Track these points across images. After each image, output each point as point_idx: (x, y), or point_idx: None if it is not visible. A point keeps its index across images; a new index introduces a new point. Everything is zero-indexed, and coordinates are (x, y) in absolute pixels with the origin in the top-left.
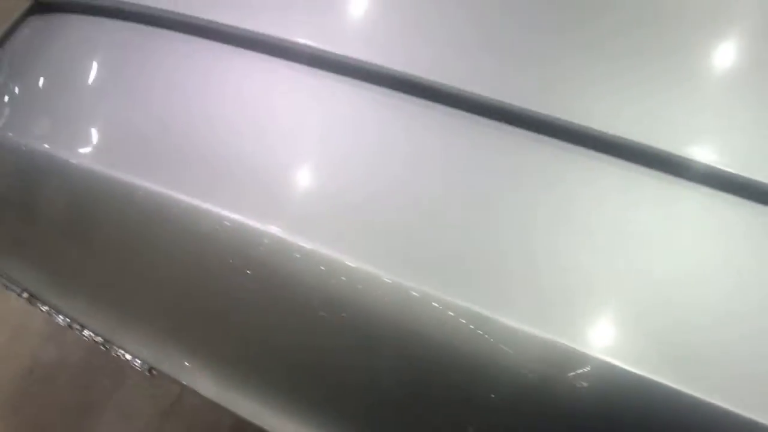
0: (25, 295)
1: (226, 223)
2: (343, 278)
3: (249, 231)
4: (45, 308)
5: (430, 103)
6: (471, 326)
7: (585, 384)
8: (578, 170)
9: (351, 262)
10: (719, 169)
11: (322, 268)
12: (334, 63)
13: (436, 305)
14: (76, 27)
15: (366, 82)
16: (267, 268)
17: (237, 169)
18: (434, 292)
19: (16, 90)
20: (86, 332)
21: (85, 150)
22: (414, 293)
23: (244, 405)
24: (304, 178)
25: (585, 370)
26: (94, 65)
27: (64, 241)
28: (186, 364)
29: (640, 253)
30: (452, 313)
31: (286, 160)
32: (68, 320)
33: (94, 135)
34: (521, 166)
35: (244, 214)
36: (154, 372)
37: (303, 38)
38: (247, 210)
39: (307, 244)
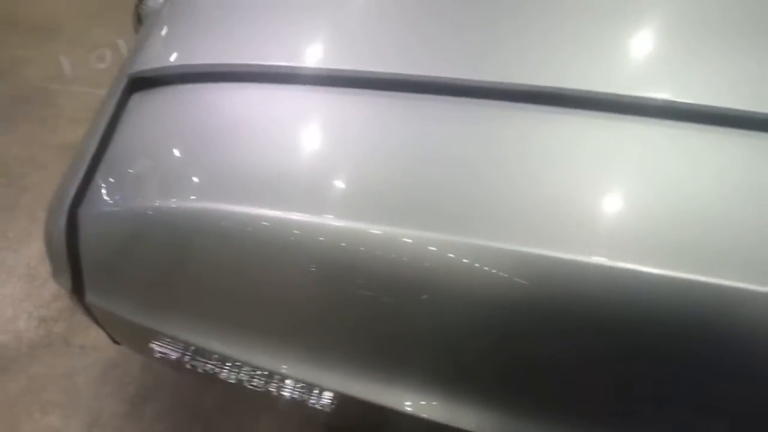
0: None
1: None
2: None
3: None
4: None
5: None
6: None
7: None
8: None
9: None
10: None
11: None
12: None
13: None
14: (184, 97)
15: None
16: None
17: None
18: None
19: (148, 163)
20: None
21: (232, 196)
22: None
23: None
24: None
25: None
26: (209, 127)
27: (230, 287)
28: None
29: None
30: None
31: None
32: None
33: (238, 182)
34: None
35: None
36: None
37: (423, 71)
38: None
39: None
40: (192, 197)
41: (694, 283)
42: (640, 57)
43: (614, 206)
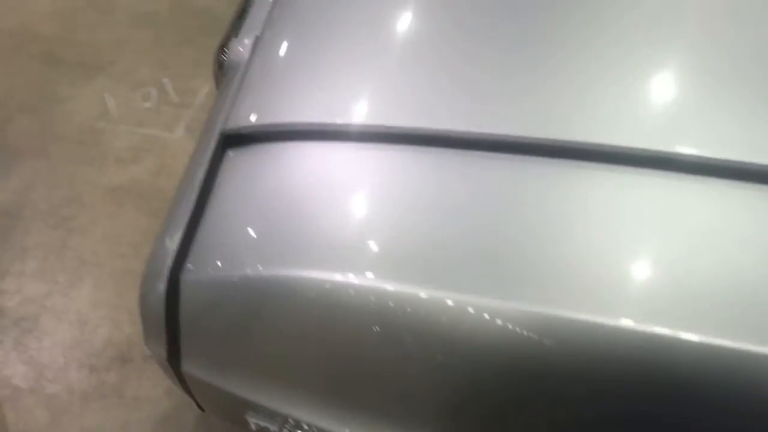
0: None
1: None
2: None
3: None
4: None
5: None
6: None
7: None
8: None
9: None
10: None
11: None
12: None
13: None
14: (282, 156)
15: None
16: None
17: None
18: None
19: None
20: None
21: (337, 264)
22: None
23: None
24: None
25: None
26: (311, 190)
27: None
28: None
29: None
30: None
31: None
32: None
33: (371, 250)
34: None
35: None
36: None
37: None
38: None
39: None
40: (296, 266)
41: (728, 351)
42: (668, 110)
43: (648, 269)
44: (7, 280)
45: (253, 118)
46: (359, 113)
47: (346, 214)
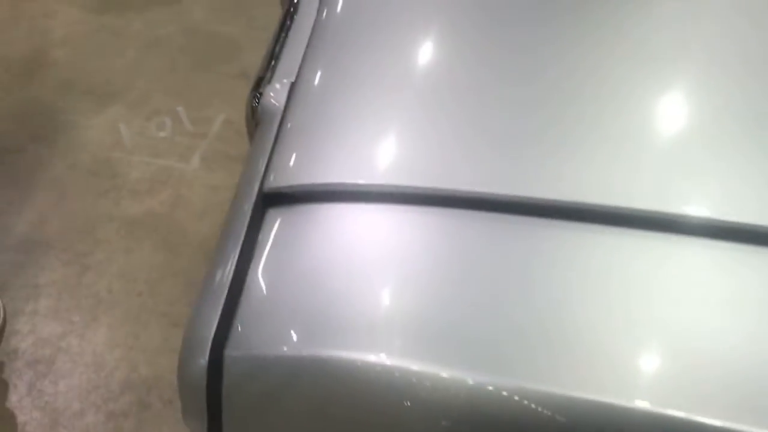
0: None
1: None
2: None
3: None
4: None
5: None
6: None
7: None
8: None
9: None
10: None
11: None
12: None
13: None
14: (327, 220)
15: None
16: None
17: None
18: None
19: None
20: None
21: (389, 347)
22: None
23: None
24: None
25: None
26: (361, 259)
27: None
28: None
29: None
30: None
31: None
32: None
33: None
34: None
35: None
36: None
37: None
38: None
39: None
40: (347, 346)
41: None
42: (689, 172)
43: (661, 348)
44: (21, 319)
45: (295, 176)
46: (403, 174)
47: (381, 290)
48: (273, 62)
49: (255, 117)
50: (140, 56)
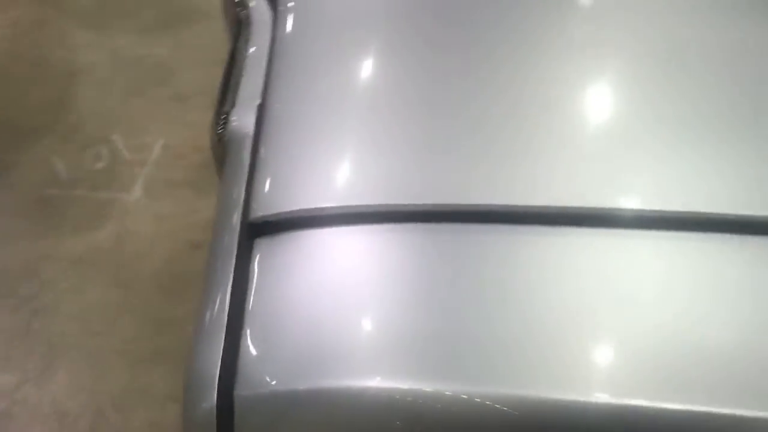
0: None
1: None
2: None
3: None
4: None
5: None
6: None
7: None
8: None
9: None
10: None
11: None
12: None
13: None
14: (322, 246)
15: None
16: None
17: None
18: None
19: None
20: None
21: (405, 371)
22: None
23: None
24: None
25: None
26: (363, 283)
27: None
28: None
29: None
30: None
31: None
32: None
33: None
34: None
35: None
36: None
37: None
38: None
39: None
40: (358, 374)
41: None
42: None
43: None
44: None
45: (280, 204)
46: (390, 193)
47: (384, 313)
48: (231, 88)
49: (221, 143)
50: (65, 86)
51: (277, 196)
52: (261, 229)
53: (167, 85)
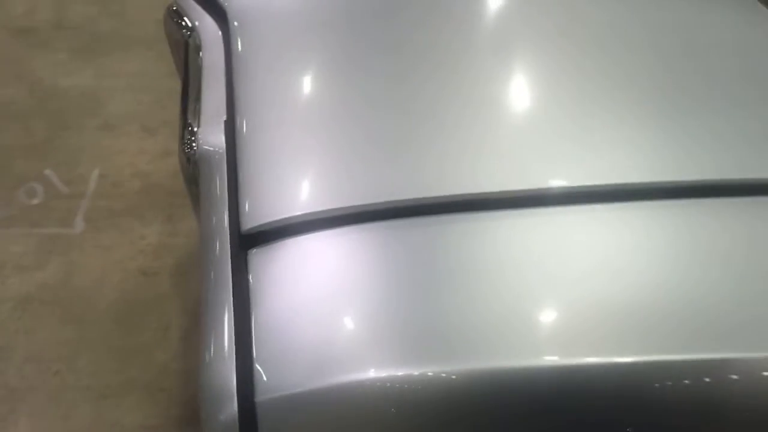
0: None
1: None
2: None
3: None
4: None
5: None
6: None
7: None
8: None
9: None
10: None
11: None
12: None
13: None
14: (319, 249)
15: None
16: None
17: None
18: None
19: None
20: None
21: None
22: None
23: None
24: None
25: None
26: (365, 282)
27: None
28: None
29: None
30: None
31: None
32: None
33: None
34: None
35: None
36: None
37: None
38: None
39: None
40: (371, 366)
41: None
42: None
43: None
44: None
45: (272, 212)
46: (379, 191)
47: (386, 306)
48: (193, 106)
49: (191, 162)
50: None
51: (266, 206)
52: (254, 239)
53: (95, 115)
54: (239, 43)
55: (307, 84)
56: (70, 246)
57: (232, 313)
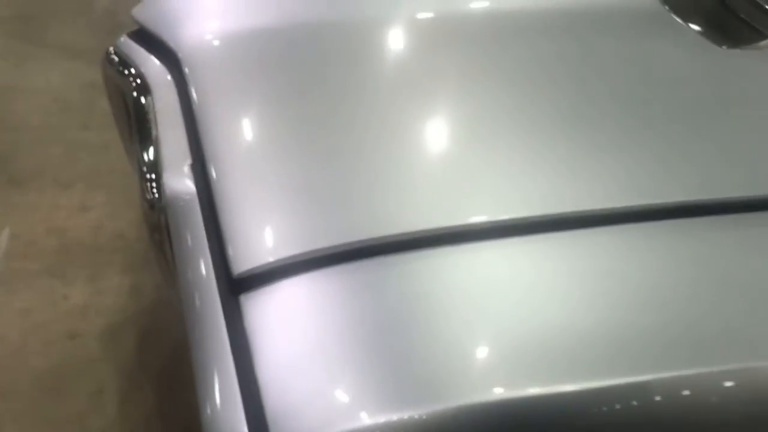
0: None
1: None
2: None
3: None
4: None
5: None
6: None
7: None
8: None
9: None
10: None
11: None
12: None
13: None
14: (318, 290)
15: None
16: None
17: None
18: None
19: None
20: None
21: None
22: None
23: None
24: None
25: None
26: (371, 325)
27: None
28: None
29: None
30: None
31: None
32: None
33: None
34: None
35: None
36: None
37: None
38: None
39: None
40: (385, 409)
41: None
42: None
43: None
44: None
45: (264, 254)
46: (371, 226)
47: (378, 344)
48: (149, 153)
49: (156, 210)
50: None
51: (257, 247)
52: (245, 284)
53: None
54: (196, 85)
55: (276, 124)
56: None
57: (232, 362)
